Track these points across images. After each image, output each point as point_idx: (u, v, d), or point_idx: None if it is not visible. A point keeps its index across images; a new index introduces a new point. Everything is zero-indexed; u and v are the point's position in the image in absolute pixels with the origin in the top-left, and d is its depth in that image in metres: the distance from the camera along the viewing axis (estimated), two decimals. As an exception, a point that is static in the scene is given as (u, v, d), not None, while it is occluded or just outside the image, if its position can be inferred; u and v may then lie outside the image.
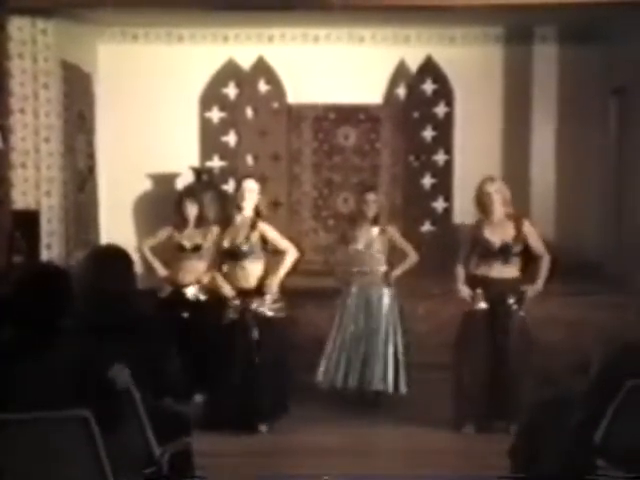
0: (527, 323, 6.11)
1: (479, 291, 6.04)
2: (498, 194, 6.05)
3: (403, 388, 6.60)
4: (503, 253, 5.99)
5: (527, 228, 6.11)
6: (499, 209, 6.05)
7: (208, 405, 6.27)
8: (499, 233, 6.03)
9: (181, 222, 7.14)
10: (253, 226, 6.15)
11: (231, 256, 6.17)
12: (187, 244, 7.06)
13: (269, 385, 6.08)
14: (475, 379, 5.98)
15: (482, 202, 6.07)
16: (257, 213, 6.22)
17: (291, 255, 6.28)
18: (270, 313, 6.17)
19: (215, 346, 6.25)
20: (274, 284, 6.17)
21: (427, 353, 6.86)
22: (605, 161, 9.53)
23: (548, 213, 9.91)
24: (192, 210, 7.14)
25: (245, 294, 6.16)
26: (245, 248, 6.13)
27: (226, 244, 6.16)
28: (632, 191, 8.90)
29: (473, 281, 6.10)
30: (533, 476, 3.78)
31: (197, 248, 7.02)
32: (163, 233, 7.22)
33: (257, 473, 5.25)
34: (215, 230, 7.03)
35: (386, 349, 6.62)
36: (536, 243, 6.15)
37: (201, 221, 7.17)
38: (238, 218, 6.21)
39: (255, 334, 6.09)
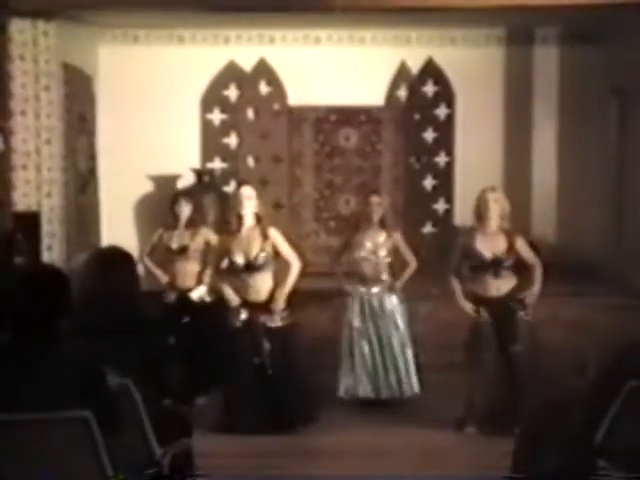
0: (533, 326, 6.11)
1: (482, 308, 6.03)
2: (496, 204, 6.05)
3: (417, 389, 6.62)
4: (494, 266, 6.00)
5: (520, 244, 6.10)
6: (495, 220, 6.05)
7: (223, 411, 6.21)
8: (490, 246, 6.03)
9: (172, 221, 7.10)
10: (265, 236, 6.09)
11: (246, 270, 6.09)
12: (174, 245, 7.01)
13: (284, 394, 6.07)
14: (483, 383, 5.98)
15: (479, 210, 6.09)
16: (258, 220, 6.16)
17: (295, 268, 6.21)
18: (279, 323, 6.15)
19: (224, 352, 6.22)
20: (281, 299, 6.12)
21: (428, 354, 6.86)
22: (606, 161, 9.52)
23: (549, 213, 9.93)
24: (185, 210, 7.06)
25: (254, 307, 6.11)
26: (262, 261, 6.07)
27: (240, 259, 6.07)
28: (633, 191, 8.89)
29: (473, 299, 6.09)
30: (534, 477, 3.77)
31: (184, 249, 6.97)
32: (155, 236, 7.21)
33: (260, 474, 5.26)
34: (205, 231, 6.99)
35: (402, 355, 6.63)
36: (529, 256, 6.15)
37: (193, 222, 7.09)
38: (242, 228, 6.12)
39: (267, 346, 6.06)
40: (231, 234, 6.16)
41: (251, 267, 6.06)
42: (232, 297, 6.17)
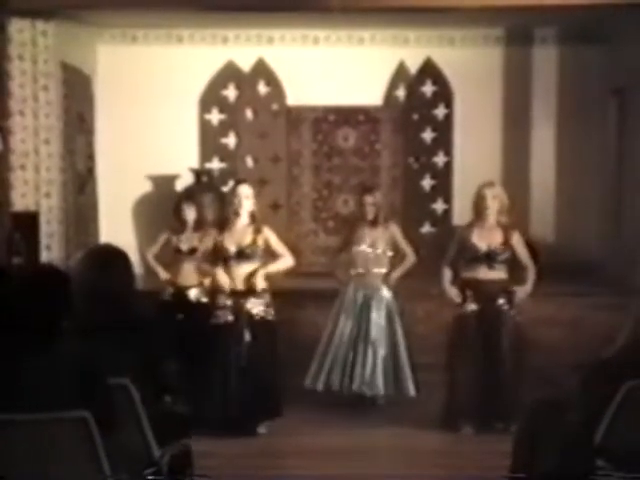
0: (520, 324, 6.13)
1: (469, 293, 6.07)
2: (495, 200, 6.08)
3: (412, 391, 6.61)
4: (488, 259, 6.04)
5: (516, 239, 6.15)
6: (493, 215, 6.08)
7: (201, 407, 6.22)
8: (486, 238, 6.09)
9: (179, 226, 7.25)
10: (258, 230, 6.21)
11: (237, 259, 6.19)
12: (184, 247, 7.19)
13: (261, 387, 6.09)
14: (469, 381, 6.00)
15: (478, 205, 6.12)
16: (253, 218, 6.26)
17: (286, 261, 6.32)
18: (263, 314, 6.17)
19: (208, 348, 6.25)
20: (259, 278, 6.17)
21: (426, 354, 6.85)
22: (605, 161, 9.53)
23: (548, 213, 9.93)
24: (190, 214, 7.27)
25: (239, 294, 6.17)
26: (252, 251, 6.18)
27: (233, 248, 6.18)
28: (632, 191, 8.90)
29: (462, 283, 6.15)
30: (533, 476, 3.77)
31: (193, 251, 7.12)
32: (162, 238, 7.35)
33: (255, 474, 5.26)
34: (213, 233, 7.04)
35: (385, 352, 6.62)
36: (523, 255, 6.20)
37: (200, 224, 7.29)
38: (238, 223, 6.25)
39: (247, 336, 6.09)
40: (226, 230, 6.28)
41: (241, 255, 6.18)
42: (224, 281, 6.24)
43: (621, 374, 3.52)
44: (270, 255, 6.34)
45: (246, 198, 6.24)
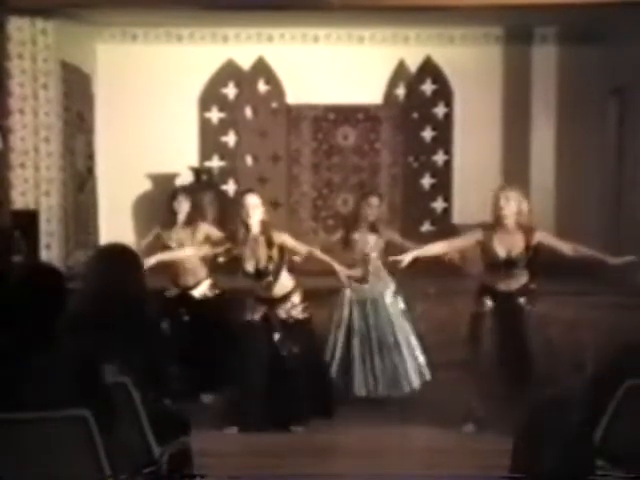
0: (539, 318, 6.09)
1: (486, 299, 6.03)
2: (510, 203, 6.01)
3: (428, 375, 6.62)
4: (507, 266, 5.98)
5: (539, 237, 6.05)
6: (511, 217, 6.01)
7: (231, 406, 6.22)
8: (507, 244, 5.99)
9: (170, 219, 7.03)
10: (270, 243, 6.08)
11: (257, 277, 6.10)
12: (173, 245, 6.91)
13: (301, 387, 6.09)
14: (483, 377, 5.96)
15: (494, 209, 6.05)
16: (264, 227, 6.12)
17: (317, 250, 6.30)
18: (300, 315, 6.16)
19: (235, 347, 6.21)
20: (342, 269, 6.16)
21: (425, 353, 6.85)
22: (605, 160, 9.53)
23: (548, 213, 9.91)
24: (184, 206, 6.96)
25: (272, 302, 6.13)
26: (271, 269, 6.07)
27: (250, 268, 6.06)
28: (632, 191, 8.90)
29: (480, 289, 6.10)
30: (533, 476, 3.77)
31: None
32: (152, 232, 7.15)
33: (256, 473, 5.25)
34: (203, 227, 6.93)
35: (402, 351, 6.60)
36: (559, 245, 6.13)
37: (191, 219, 7.00)
38: (249, 235, 6.09)
39: (277, 337, 6.07)
40: (239, 243, 6.12)
41: (262, 275, 6.09)
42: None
43: (622, 374, 3.53)
44: (291, 254, 6.25)
45: (254, 208, 6.08)
